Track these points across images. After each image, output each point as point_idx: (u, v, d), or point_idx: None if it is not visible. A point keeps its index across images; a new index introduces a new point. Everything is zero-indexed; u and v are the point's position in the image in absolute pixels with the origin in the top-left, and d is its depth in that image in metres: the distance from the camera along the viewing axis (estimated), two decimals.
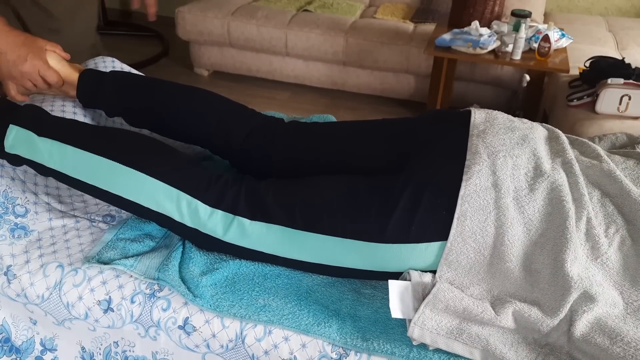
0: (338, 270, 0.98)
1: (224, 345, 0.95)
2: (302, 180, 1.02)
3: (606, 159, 1.03)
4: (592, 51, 2.73)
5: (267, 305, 0.95)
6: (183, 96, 1.20)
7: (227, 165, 1.27)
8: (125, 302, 0.98)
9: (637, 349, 0.80)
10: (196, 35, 3.34)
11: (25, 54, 1.16)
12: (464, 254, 0.90)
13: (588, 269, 0.90)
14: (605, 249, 0.92)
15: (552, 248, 0.89)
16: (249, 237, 0.98)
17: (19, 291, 1.02)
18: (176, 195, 1.00)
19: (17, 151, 1.07)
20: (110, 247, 1.04)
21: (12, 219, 1.08)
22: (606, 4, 3.69)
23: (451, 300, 0.87)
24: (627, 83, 2.21)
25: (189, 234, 1.03)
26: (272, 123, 1.18)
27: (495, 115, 1.06)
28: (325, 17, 3.28)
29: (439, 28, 2.90)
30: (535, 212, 0.92)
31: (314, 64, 3.31)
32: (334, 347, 0.91)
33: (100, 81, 1.24)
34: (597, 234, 0.93)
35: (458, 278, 0.91)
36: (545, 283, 0.88)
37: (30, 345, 1.07)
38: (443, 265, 0.91)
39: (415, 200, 0.92)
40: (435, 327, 0.86)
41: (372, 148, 1.07)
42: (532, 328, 0.86)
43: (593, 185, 1.00)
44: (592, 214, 0.94)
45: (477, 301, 0.88)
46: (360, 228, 0.93)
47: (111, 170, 1.02)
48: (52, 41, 1.24)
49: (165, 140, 1.39)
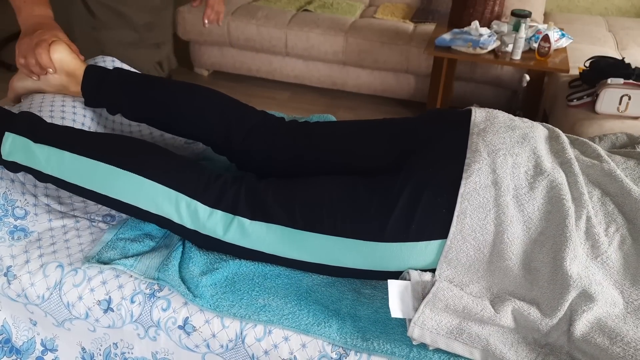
0: (338, 270, 0.98)
1: (224, 345, 0.95)
2: (302, 180, 1.02)
3: (607, 158, 1.03)
4: (592, 51, 2.74)
5: (267, 305, 0.95)
6: (185, 93, 1.20)
7: (226, 165, 1.27)
8: (125, 302, 0.98)
9: (637, 349, 0.80)
10: (196, 35, 3.35)
11: (34, 31, 1.22)
12: (463, 251, 0.91)
13: (588, 267, 0.90)
14: (605, 247, 0.92)
15: (552, 246, 0.89)
16: (249, 237, 0.98)
17: (19, 291, 1.02)
18: (175, 197, 1.00)
19: (14, 158, 1.07)
20: (110, 247, 1.04)
21: (11, 221, 1.08)
22: (606, 4, 3.69)
23: (451, 299, 0.87)
24: (627, 83, 2.21)
25: (189, 235, 1.03)
26: (273, 121, 1.18)
27: (496, 114, 1.06)
28: (325, 17, 3.29)
29: (439, 28, 2.90)
30: (535, 210, 0.92)
31: (314, 64, 3.31)
32: (334, 347, 0.91)
33: (104, 76, 1.25)
34: (597, 232, 0.93)
35: (458, 276, 0.91)
36: (545, 281, 0.88)
37: (31, 345, 1.08)
38: (443, 263, 0.91)
39: (414, 199, 0.92)
40: (435, 327, 0.86)
41: (373, 148, 1.07)
42: (532, 327, 0.86)
43: (593, 184, 1.00)
44: (592, 212, 0.94)
45: (476, 299, 0.88)
46: (360, 227, 0.93)
47: (109, 174, 1.02)
48: (130, 53, 1.27)
49: (166, 136, 1.39)
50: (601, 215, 0.96)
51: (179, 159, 1.07)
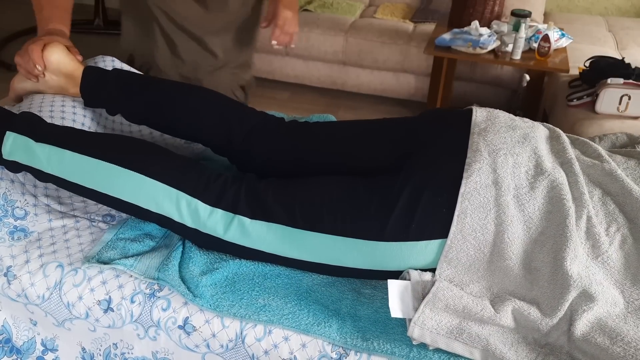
0: (338, 269, 0.98)
1: (224, 345, 0.95)
2: (302, 180, 1.02)
3: (607, 158, 1.03)
4: (592, 51, 2.73)
5: (267, 305, 0.95)
6: (185, 94, 1.20)
7: (227, 165, 1.27)
8: (125, 302, 0.98)
9: (637, 348, 0.80)
10: None
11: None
12: (463, 251, 0.91)
13: (588, 267, 0.90)
14: (605, 247, 0.92)
15: (552, 246, 0.89)
16: (249, 236, 0.98)
17: (19, 291, 1.02)
18: (175, 196, 1.00)
19: (15, 157, 1.07)
20: (110, 246, 1.04)
21: (11, 221, 1.08)
22: (606, 4, 3.69)
23: (451, 299, 0.87)
24: (627, 83, 2.21)
25: (189, 235, 1.03)
26: (273, 122, 1.18)
27: (497, 114, 1.06)
28: (325, 17, 3.28)
29: (439, 28, 2.90)
30: (536, 210, 0.92)
31: (314, 63, 3.31)
32: (334, 347, 0.91)
33: (103, 77, 1.24)
34: (597, 232, 0.93)
35: (458, 275, 0.91)
36: (545, 281, 0.88)
37: (31, 345, 1.08)
38: (443, 263, 0.91)
39: (415, 198, 0.92)
40: (436, 327, 0.86)
41: (373, 148, 1.07)
42: (532, 327, 0.86)
43: (594, 184, 1.00)
44: (593, 212, 0.94)
45: (476, 299, 0.88)
46: (360, 226, 0.93)
47: (110, 172, 1.02)
48: (213, 78, 1.31)
49: (166, 136, 1.39)
50: (602, 215, 0.96)
51: (179, 158, 1.07)
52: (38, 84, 1.27)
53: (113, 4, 4.30)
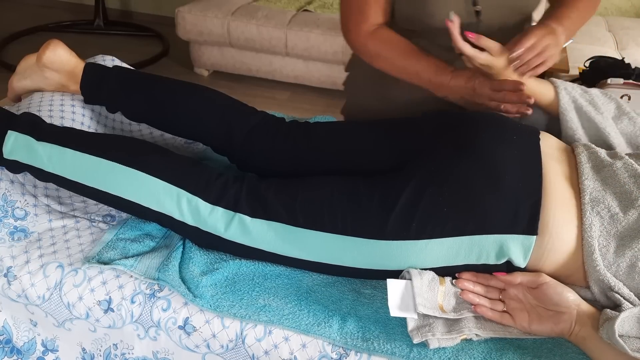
0: (338, 268, 0.98)
1: (224, 345, 0.95)
2: (303, 179, 1.03)
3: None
4: (591, 51, 2.73)
5: (267, 305, 0.95)
6: (185, 93, 1.20)
7: (227, 165, 1.27)
8: (125, 302, 0.98)
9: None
10: (196, 35, 3.34)
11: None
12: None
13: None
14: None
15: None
16: (249, 234, 0.98)
17: (19, 292, 1.02)
18: (176, 193, 1.00)
19: (16, 157, 1.07)
20: (110, 247, 1.04)
21: (11, 222, 1.08)
22: (606, 4, 3.68)
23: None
24: (627, 83, 2.21)
25: (190, 233, 1.03)
26: (273, 122, 1.18)
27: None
28: (325, 17, 3.28)
29: None
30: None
31: (314, 64, 3.31)
32: (334, 347, 0.91)
33: (104, 74, 1.24)
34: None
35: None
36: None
37: (31, 346, 1.08)
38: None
39: (416, 197, 0.92)
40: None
41: (374, 148, 1.07)
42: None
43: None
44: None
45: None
46: (361, 225, 0.93)
47: (111, 171, 1.02)
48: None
49: (166, 136, 1.39)
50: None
51: (180, 157, 1.08)
52: (38, 82, 1.27)
53: (113, 4, 4.31)
